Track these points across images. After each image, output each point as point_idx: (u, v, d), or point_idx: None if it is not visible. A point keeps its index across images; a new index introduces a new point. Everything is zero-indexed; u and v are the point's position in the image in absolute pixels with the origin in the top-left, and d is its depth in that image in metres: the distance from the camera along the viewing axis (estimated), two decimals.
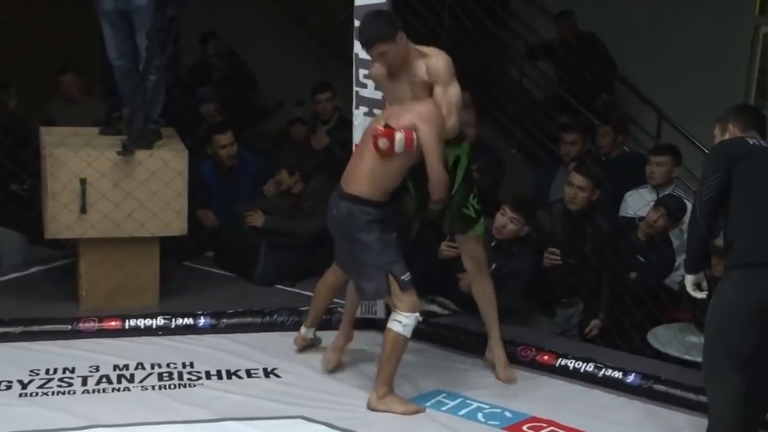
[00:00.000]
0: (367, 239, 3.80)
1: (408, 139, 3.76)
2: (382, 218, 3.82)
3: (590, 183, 4.77)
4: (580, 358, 4.35)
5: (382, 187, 3.84)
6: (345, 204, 3.85)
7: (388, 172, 3.83)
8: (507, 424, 3.90)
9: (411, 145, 3.77)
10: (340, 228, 3.91)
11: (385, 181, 3.84)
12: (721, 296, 3.46)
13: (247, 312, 4.75)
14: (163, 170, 4.77)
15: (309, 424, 3.79)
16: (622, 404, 4.12)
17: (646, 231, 4.97)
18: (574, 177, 4.80)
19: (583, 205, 4.79)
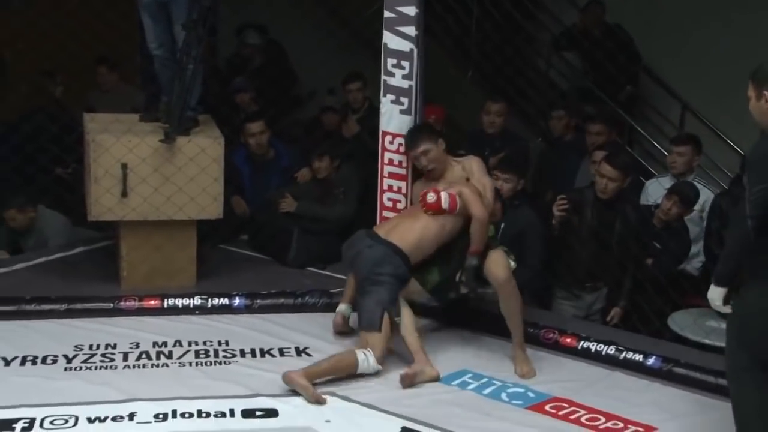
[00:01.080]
0: (383, 279, 4.07)
1: (453, 198, 4.21)
2: (402, 273, 4.15)
3: (620, 173, 4.75)
4: (601, 341, 4.35)
5: (421, 249, 4.20)
6: (382, 248, 4.14)
7: (431, 236, 4.20)
8: (530, 403, 3.91)
9: (455, 205, 4.21)
10: (366, 265, 4.13)
11: (426, 245, 4.21)
12: (745, 303, 3.24)
13: (279, 293, 4.79)
14: (200, 156, 4.81)
15: (338, 401, 3.82)
16: (642, 386, 4.12)
17: (661, 218, 4.94)
18: (604, 168, 4.77)
19: (613, 195, 4.78)
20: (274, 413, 3.70)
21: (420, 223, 4.25)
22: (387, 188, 4.79)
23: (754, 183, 3.09)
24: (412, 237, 4.20)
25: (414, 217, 4.31)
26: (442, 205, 4.20)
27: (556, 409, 3.87)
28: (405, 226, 4.25)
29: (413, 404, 3.83)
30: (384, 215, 4.77)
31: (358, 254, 4.21)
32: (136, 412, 3.64)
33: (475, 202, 4.20)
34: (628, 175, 4.81)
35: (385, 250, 4.14)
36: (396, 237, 4.19)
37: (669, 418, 3.82)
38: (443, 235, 4.26)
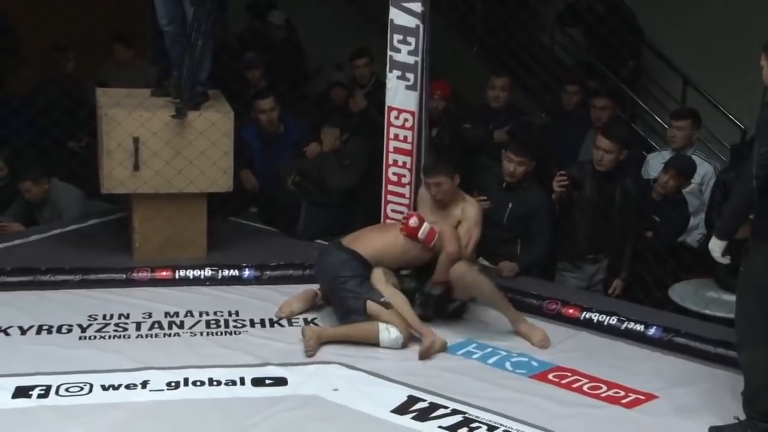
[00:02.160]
0: (346, 280, 4.14)
1: (431, 234, 4.22)
2: (363, 275, 4.18)
3: (616, 146, 4.71)
4: (603, 312, 4.34)
5: (381, 260, 4.21)
6: (341, 254, 4.20)
7: (392, 254, 4.23)
8: (533, 372, 3.91)
9: (430, 240, 4.22)
10: (327, 273, 4.21)
11: (387, 259, 4.22)
12: (755, 264, 3.26)
13: (288, 265, 4.78)
14: (211, 130, 4.78)
15: (345, 370, 3.83)
16: (643, 356, 4.11)
17: (659, 191, 4.90)
18: (600, 140, 4.74)
19: (610, 167, 4.74)
20: (284, 382, 3.70)
21: (386, 238, 4.28)
22: (392, 162, 4.78)
23: (762, 144, 3.10)
24: (372, 247, 4.23)
25: (383, 231, 4.38)
26: (419, 235, 4.22)
27: (559, 377, 3.87)
28: (370, 236, 4.30)
29: (419, 373, 3.83)
30: (389, 189, 4.77)
31: (318, 265, 4.31)
32: (148, 380, 3.65)
33: (451, 240, 4.21)
34: (625, 147, 4.77)
35: (342, 256, 4.18)
36: (358, 245, 4.23)
37: (669, 386, 3.81)
38: (405, 258, 4.28)
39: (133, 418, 3.41)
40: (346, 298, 4.12)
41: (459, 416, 3.49)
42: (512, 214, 4.66)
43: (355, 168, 5.44)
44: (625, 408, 3.65)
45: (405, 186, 4.79)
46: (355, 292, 4.11)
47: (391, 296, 4.12)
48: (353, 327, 4.06)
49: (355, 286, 4.12)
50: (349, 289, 4.12)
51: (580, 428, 3.47)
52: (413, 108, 4.70)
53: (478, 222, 4.37)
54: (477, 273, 4.16)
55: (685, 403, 3.69)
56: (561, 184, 4.75)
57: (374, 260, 4.21)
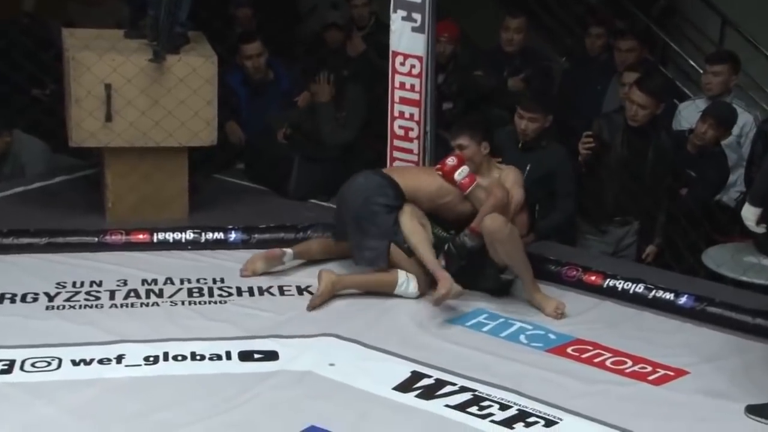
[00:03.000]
0: (377, 210, 4.21)
1: (471, 178, 4.30)
2: (396, 206, 4.24)
3: (652, 100, 4.67)
4: (629, 279, 4.34)
5: (416, 196, 4.30)
6: (377, 179, 4.28)
7: (427, 194, 4.31)
8: (550, 346, 3.91)
9: (468, 184, 4.30)
10: (358, 195, 4.25)
11: (421, 197, 4.30)
12: None
13: (279, 227, 4.78)
14: (192, 77, 4.76)
15: (342, 343, 3.84)
16: (672, 327, 4.11)
17: (696, 143, 4.87)
18: (635, 94, 4.69)
19: (645, 122, 4.71)
20: (274, 356, 3.71)
21: (424, 176, 4.39)
22: (398, 115, 4.77)
23: None
24: (411, 182, 4.32)
25: (422, 170, 4.52)
26: (456, 176, 4.29)
27: (579, 351, 3.87)
28: (408, 170, 4.42)
29: (424, 346, 3.84)
30: (395, 144, 4.77)
31: (349, 186, 4.31)
32: (124, 354, 3.65)
33: (497, 187, 4.28)
34: (662, 101, 4.74)
35: (380, 181, 4.25)
36: (396, 176, 4.32)
37: (701, 361, 3.82)
38: (439, 201, 4.33)
39: (106, 396, 3.41)
40: (370, 231, 4.20)
41: (468, 394, 3.50)
42: (530, 176, 4.61)
43: (353, 119, 5.43)
44: (653, 385, 3.66)
45: (413, 141, 4.78)
46: (383, 228, 4.19)
47: (410, 233, 4.19)
48: (373, 275, 4.20)
49: (384, 221, 4.20)
50: (379, 223, 4.20)
51: (601, 407, 3.48)
52: (421, 53, 4.67)
53: (519, 183, 4.41)
54: (513, 230, 4.16)
55: (718, 379, 3.70)
56: (587, 147, 4.72)
57: (409, 194, 4.29)
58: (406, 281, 4.18)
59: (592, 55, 5.93)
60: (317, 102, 5.41)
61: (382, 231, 4.21)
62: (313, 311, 4.08)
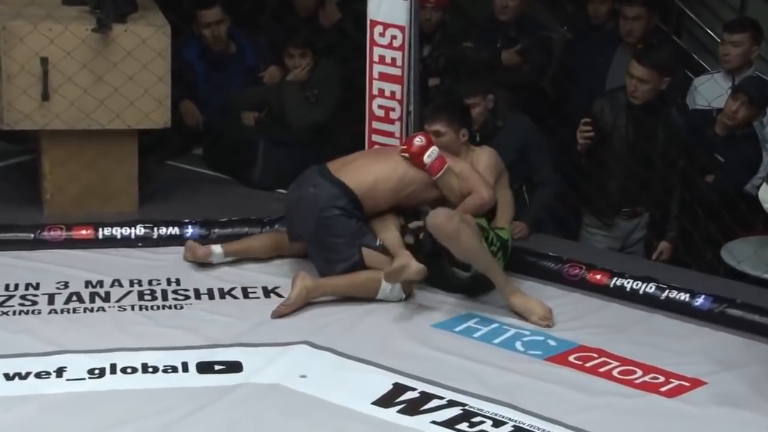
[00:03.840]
0: (338, 216, 4.21)
1: (440, 161, 4.24)
2: (352, 213, 4.24)
3: (653, 73, 4.70)
4: (638, 278, 4.36)
5: (373, 196, 4.26)
6: (329, 188, 4.24)
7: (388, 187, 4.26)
8: (550, 354, 3.93)
9: (438, 169, 4.24)
10: (310, 211, 4.23)
11: (380, 195, 4.26)
12: None
13: (243, 221, 4.79)
14: (141, 49, 4.75)
15: (315, 351, 3.84)
16: (688, 332, 4.14)
17: (726, 124, 4.89)
18: (633, 66, 4.72)
19: (647, 98, 4.73)
20: (237, 367, 3.71)
21: (381, 166, 4.31)
22: (378, 93, 4.78)
23: None
24: (366, 178, 4.26)
25: (378, 157, 4.41)
26: (425, 158, 4.24)
27: (583, 360, 3.89)
28: (362, 164, 4.34)
29: (408, 354, 3.85)
30: (374, 126, 4.77)
31: (299, 200, 4.31)
32: (65, 366, 3.63)
33: (479, 183, 4.27)
34: (666, 74, 4.76)
35: (331, 191, 4.22)
36: (349, 175, 4.26)
37: (720, 370, 3.84)
38: (403, 194, 4.30)
39: (45, 415, 3.39)
40: (334, 244, 4.19)
41: (457, 408, 3.51)
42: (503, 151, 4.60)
43: (325, 98, 5.45)
44: (665, 397, 3.68)
45: (394, 123, 4.79)
46: (347, 234, 4.18)
47: (373, 224, 4.21)
48: (353, 279, 4.18)
49: (346, 226, 4.19)
50: (341, 230, 4.19)
51: (607, 422, 3.49)
52: (403, 22, 4.68)
53: (491, 167, 4.41)
54: (462, 223, 4.08)
55: (739, 390, 3.72)
56: (586, 136, 4.75)
57: (364, 195, 4.25)
58: (387, 284, 4.16)
59: (596, 24, 5.93)
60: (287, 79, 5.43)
61: (348, 237, 4.19)
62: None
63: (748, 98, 4.85)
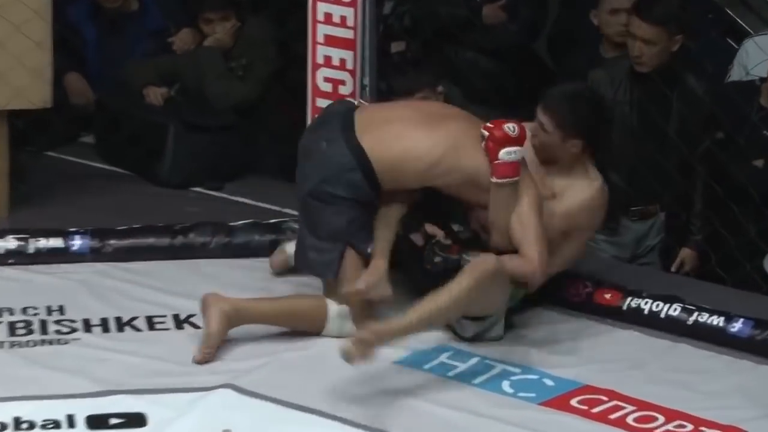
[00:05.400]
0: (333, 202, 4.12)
1: (515, 166, 4.08)
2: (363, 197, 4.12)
3: (661, 31, 4.76)
4: (659, 297, 4.38)
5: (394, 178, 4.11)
6: (345, 154, 4.09)
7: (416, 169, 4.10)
8: (547, 397, 3.93)
9: (505, 173, 4.07)
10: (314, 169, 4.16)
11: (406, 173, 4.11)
12: None
13: (148, 229, 4.81)
14: (13, 7, 4.74)
15: (242, 398, 3.81)
16: (722, 366, 4.16)
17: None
18: (635, 24, 4.79)
19: (656, 64, 4.80)
20: (140, 421, 3.68)
21: (421, 136, 4.13)
22: (323, 62, 4.82)
23: None
24: (393, 150, 4.12)
25: (423, 120, 4.19)
26: (501, 152, 4.04)
27: (589, 403, 3.89)
28: (399, 128, 4.16)
29: (364, 400, 3.84)
30: (318, 105, 4.80)
31: (309, 152, 4.22)
32: None
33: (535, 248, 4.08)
34: (677, 31, 4.82)
35: (344, 158, 4.10)
36: (374, 140, 4.13)
37: (764, 415, 3.85)
38: (433, 181, 4.16)
39: None
40: (320, 224, 4.15)
41: None
42: None
43: (256, 70, 5.51)
44: None
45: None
46: (334, 225, 4.11)
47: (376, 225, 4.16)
48: (289, 304, 4.17)
49: (339, 215, 4.10)
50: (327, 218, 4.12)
51: None
52: None
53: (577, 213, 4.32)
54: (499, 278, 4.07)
55: None
56: None
57: (384, 171, 4.12)
58: (337, 314, 4.11)
59: None
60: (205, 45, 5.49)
61: (336, 227, 4.12)
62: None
63: None
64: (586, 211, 4.31)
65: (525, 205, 4.11)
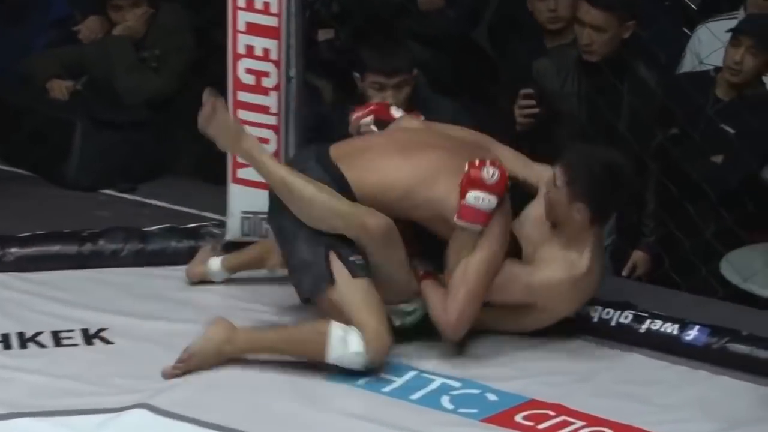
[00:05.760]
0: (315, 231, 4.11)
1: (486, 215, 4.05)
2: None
3: (611, 17, 4.80)
4: (609, 304, 4.38)
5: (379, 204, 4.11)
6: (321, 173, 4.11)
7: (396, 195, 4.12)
8: (490, 412, 3.92)
9: (472, 218, 4.05)
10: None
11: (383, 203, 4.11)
12: None
13: (53, 236, 4.79)
14: None
15: (156, 419, 3.77)
16: (677, 377, 4.17)
17: (730, 81, 4.95)
18: (583, 10, 4.83)
19: (606, 52, 4.84)
20: None
21: (396, 164, 4.16)
22: (245, 52, 4.81)
23: None
24: (370, 178, 4.14)
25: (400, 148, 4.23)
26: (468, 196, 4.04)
27: (535, 419, 3.89)
28: (375, 155, 4.20)
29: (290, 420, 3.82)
30: (239, 99, 4.82)
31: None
32: None
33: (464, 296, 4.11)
34: (628, 16, 4.86)
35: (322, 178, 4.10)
36: (352, 168, 4.15)
37: (721, 429, 3.86)
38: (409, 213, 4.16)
39: None
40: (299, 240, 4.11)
41: None
42: None
43: (171, 60, 5.52)
44: None
45: (269, 93, 4.81)
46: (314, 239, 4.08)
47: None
48: (288, 332, 4.13)
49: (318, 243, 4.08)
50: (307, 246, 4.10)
51: None
52: None
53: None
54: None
55: None
56: (527, 113, 4.79)
57: (364, 199, 4.12)
58: (341, 336, 3.99)
59: None
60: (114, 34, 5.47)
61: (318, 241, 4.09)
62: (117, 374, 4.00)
63: (755, 41, 4.89)
64: (553, 293, 4.22)
65: (477, 258, 4.10)
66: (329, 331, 4.00)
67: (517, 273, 4.18)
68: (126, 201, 5.24)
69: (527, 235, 4.27)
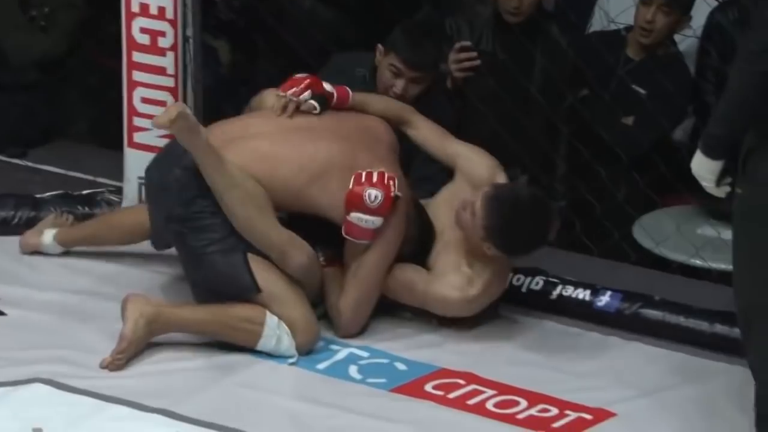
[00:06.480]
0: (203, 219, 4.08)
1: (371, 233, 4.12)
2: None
3: None
4: (519, 270, 4.42)
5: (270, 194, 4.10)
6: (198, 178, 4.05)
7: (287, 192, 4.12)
8: (399, 382, 3.96)
9: (357, 235, 4.13)
10: (178, 196, 4.09)
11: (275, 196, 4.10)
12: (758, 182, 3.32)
13: None
14: None
15: (55, 392, 3.76)
16: (589, 344, 4.23)
17: (641, 42, 5.03)
18: None
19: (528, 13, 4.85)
20: None
21: (289, 149, 4.16)
22: (139, 10, 4.76)
23: None
24: (262, 168, 4.11)
25: (288, 135, 4.20)
26: (352, 216, 4.10)
27: (445, 389, 3.93)
28: (263, 143, 4.17)
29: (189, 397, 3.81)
30: (134, 60, 4.77)
31: (161, 188, 4.18)
32: None
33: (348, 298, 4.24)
34: None
35: (200, 182, 4.05)
36: (238, 154, 4.10)
37: (634, 396, 3.93)
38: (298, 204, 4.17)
39: None
40: (210, 253, 4.07)
41: None
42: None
43: (61, 19, 5.45)
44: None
45: (165, 53, 4.80)
46: (223, 234, 4.05)
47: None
48: (220, 311, 4.06)
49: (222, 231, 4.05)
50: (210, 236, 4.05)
51: None
52: None
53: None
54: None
55: (660, 422, 3.81)
56: (463, 66, 4.82)
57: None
58: (275, 328, 4.03)
59: None
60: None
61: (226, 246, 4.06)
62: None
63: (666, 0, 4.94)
64: (445, 308, 4.26)
65: (369, 259, 4.20)
66: (263, 328, 4.04)
67: (415, 281, 4.24)
68: (16, 166, 5.20)
69: (440, 216, 4.33)
